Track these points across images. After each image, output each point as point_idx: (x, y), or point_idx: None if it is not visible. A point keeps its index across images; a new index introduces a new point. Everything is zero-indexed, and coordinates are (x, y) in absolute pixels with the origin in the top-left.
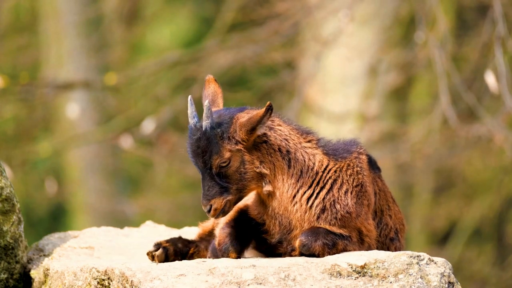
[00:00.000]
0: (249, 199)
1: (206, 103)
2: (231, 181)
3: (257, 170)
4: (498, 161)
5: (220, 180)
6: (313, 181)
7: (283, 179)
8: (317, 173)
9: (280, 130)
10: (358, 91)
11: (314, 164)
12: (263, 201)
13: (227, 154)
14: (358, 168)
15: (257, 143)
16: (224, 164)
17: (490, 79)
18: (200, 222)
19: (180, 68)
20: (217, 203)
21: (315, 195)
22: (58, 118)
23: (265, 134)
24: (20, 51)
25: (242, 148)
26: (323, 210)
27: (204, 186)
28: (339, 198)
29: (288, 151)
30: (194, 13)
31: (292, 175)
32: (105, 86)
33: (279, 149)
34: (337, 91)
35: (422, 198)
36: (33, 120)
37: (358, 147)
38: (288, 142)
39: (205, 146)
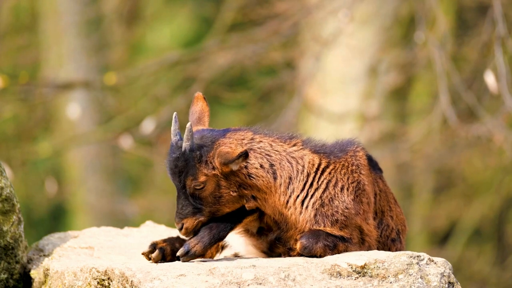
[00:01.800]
0: None
1: (188, 125)
2: (205, 203)
3: (234, 194)
4: (498, 161)
5: (194, 201)
6: (305, 184)
7: (271, 191)
8: (308, 174)
9: (260, 147)
10: (358, 91)
11: (303, 166)
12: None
13: (202, 178)
14: (354, 167)
15: (238, 168)
16: (198, 187)
17: (490, 79)
18: None
19: (180, 68)
20: (189, 223)
21: (309, 196)
22: (58, 118)
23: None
24: (20, 51)
25: (218, 174)
26: (322, 205)
27: (178, 204)
28: (336, 195)
29: (271, 165)
30: (194, 13)
31: (281, 184)
32: (105, 86)
33: (261, 166)
34: (337, 91)
35: (422, 198)
36: (33, 120)
37: (355, 146)
38: (270, 156)
39: (182, 166)
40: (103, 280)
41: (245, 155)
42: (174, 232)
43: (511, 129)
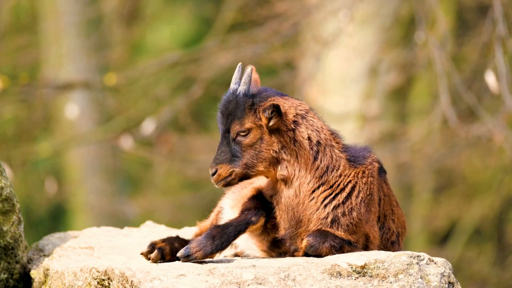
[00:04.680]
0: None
1: (248, 69)
2: (244, 153)
3: (275, 155)
4: (498, 161)
5: (234, 147)
6: (334, 183)
7: (306, 169)
8: (340, 176)
9: (313, 121)
10: (358, 91)
11: (339, 166)
12: (275, 187)
13: (248, 125)
14: (371, 178)
15: (284, 130)
16: (242, 133)
17: (490, 79)
18: (198, 222)
19: (180, 69)
20: (223, 169)
21: (332, 196)
22: (58, 119)
23: (295, 121)
24: (20, 51)
25: (264, 126)
26: (343, 214)
27: (218, 150)
28: (357, 206)
29: (318, 142)
30: (194, 13)
31: (317, 168)
32: (105, 86)
33: (309, 138)
34: (337, 91)
35: (422, 198)
36: (33, 121)
37: (372, 154)
38: (320, 135)
39: (233, 109)
40: (103, 280)
41: (276, 108)
42: (174, 233)
43: (511, 129)
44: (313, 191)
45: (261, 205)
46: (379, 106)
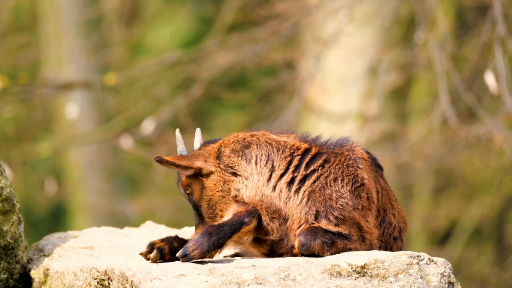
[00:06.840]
0: None
1: (176, 131)
2: (201, 209)
3: (221, 193)
4: (498, 161)
5: (195, 208)
6: (288, 165)
7: (249, 173)
8: (291, 155)
9: (233, 138)
10: (358, 91)
11: (285, 147)
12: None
13: (186, 181)
14: (351, 162)
15: (214, 169)
16: (188, 192)
17: (490, 79)
18: None
19: (180, 68)
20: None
21: (297, 181)
22: (58, 118)
23: (218, 155)
24: (20, 51)
25: (198, 176)
26: (313, 192)
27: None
28: (328, 183)
29: (243, 147)
30: (194, 13)
31: (256, 162)
32: (105, 86)
33: (232, 151)
34: (337, 91)
35: (422, 198)
36: (33, 120)
37: (351, 142)
38: (245, 139)
39: (177, 174)
40: (103, 280)
41: (157, 161)
42: (174, 233)
43: (511, 130)
44: (268, 180)
45: (251, 209)
46: (379, 106)
